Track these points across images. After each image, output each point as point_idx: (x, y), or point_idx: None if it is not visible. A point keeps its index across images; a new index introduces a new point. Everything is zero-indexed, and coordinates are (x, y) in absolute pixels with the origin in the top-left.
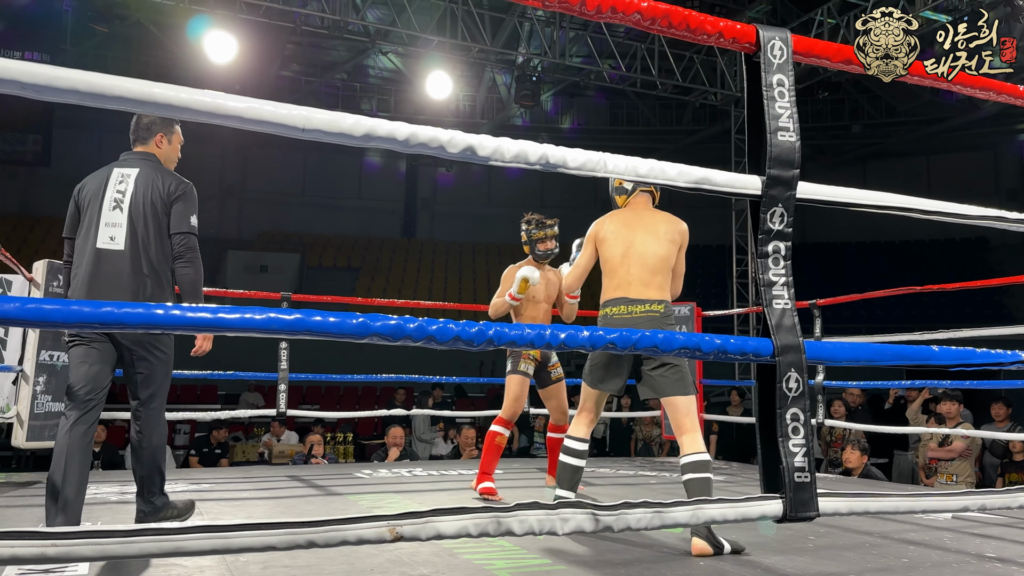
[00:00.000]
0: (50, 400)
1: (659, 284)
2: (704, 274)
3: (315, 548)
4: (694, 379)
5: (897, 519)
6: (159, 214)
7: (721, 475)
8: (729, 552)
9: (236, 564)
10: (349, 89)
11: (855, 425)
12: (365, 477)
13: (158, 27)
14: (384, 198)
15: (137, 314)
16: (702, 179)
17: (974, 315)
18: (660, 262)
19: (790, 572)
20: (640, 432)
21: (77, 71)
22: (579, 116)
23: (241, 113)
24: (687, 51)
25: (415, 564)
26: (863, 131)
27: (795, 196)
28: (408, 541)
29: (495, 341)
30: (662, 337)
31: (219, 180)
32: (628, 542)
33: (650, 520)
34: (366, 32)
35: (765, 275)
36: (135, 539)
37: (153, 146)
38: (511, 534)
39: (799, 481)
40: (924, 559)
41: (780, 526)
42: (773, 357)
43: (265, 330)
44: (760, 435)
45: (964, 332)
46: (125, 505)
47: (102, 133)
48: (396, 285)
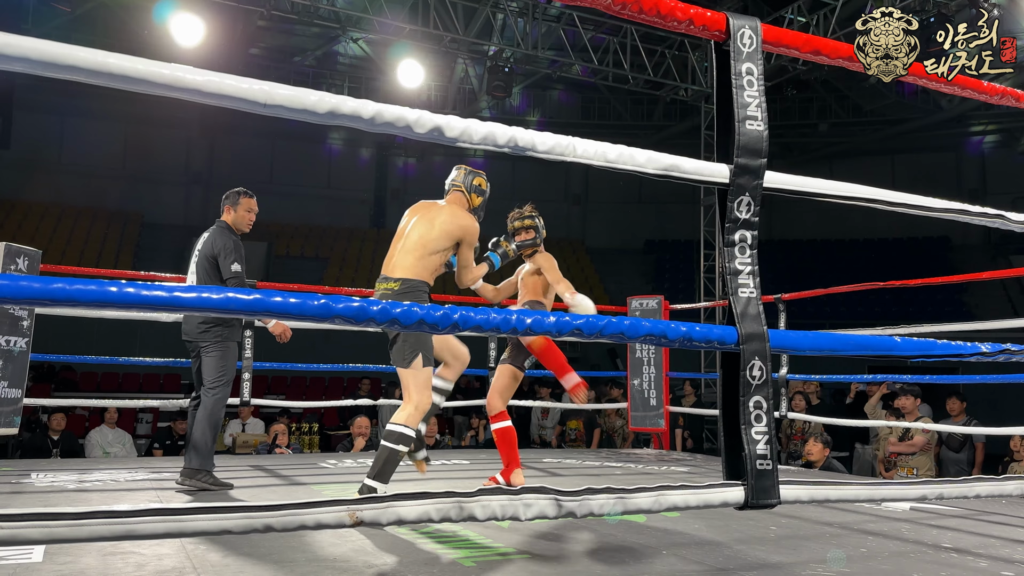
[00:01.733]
0: (7, 386)
1: (408, 264)
2: (672, 269)
3: (272, 532)
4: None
5: (856, 511)
6: (208, 266)
7: (685, 466)
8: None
9: (196, 552)
10: (318, 76)
11: (816, 418)
12: (330, 467)
13: (123, 9)
14: (354, 187)
15: (89, 291)
16: (671, 166)
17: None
18: (416, 244)
19: (751, 560)
20: (604, 423)
21: (28, 39)
22: (550, 109)
23: (200, 86)
24: (659, 46)
25: (378, 553)
26: (830, 130)
27: (762, 185)
28: (368, 526)
29: (460, 325)
30: (628, 324)
31: (185, 167)
32: (593, 531)
33: (613, 506)
34: (336, 18)
35: (731, 264)
36: (85, 522)
37: (225, 214)
38: (473, 519)
39: (761, 468)
40: (882, 549)
41: (742, 515)
42: (737, 345)
43: (223, 309)
44: (723, 423)
45: (925, 327)
46: (83, 493)
47: (63, 116)
48: (365, 276)
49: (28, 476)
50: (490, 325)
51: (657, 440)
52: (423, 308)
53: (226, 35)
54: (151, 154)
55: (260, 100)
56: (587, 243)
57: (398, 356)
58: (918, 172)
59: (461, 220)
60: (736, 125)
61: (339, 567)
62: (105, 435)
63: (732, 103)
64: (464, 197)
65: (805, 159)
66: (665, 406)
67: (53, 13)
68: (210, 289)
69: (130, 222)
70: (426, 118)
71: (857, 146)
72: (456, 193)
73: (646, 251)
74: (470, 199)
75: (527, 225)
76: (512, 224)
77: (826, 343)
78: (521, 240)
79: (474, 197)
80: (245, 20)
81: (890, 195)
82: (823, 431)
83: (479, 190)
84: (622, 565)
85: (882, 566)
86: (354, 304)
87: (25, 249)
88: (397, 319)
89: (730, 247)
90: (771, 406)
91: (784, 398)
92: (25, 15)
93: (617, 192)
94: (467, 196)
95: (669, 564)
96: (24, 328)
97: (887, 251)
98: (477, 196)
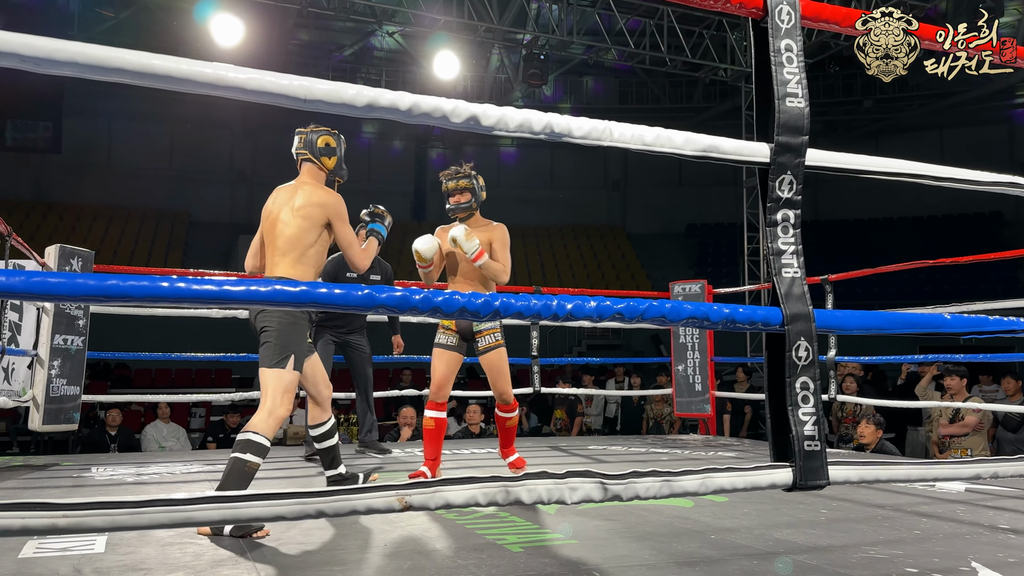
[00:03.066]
0: (65, 384)
1: (287, 268)
2: (715, 252)
3: (324, 518)
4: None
5: (909, 492)
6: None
7: (732, 451)
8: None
9: (250, 541)
10: (354, 71)
11: (866, 400)
12: (378, 457)
13: (165, 11)
14: (393, 180)
15: (142, 287)
16: (709, 147)
17: (989, 290)
18: (288, 244)
19: (801, 544)
20: (651, 410)
21: (76, 43)
22: (585, 96)
23: (243, 84)
24: (696, 27)
25: (429, 539)
26: (875, 105)
27: (804, 163)
28: (417, 510)
29: (501, 312)
30: (670, 307)
31: (229, 166)
32: (641, 516)
33: (659, 489)
34: (372, 12)
35: (774, 244)
36: (145, 510)
37: None
38: (519, 503)
39: (809, 450)
40: (936, 531)
41: (791, 499)
42: (782, 326)
43: (270, 301)
44: (769, 405)
45: (978, 305)
46: (141, 486)
47: (111, 119)
48: (407, 267)
49: (88, 470)
50: (531, 312)
51: (704, 426)
52: (464, 296)
53: (264, 33)
54: (196, 153)
55: (301, 96)
56: (627, 229)
57: (266, 355)
58: (968, 146)
59: (315, 197)
60: (776, 103)
61: (389, 552)
62: (160, 430)
63: (771, 81)
64: (315, 165)
65: (850, 137)
66: (711, 391)
67: (98, 18)
68: (258, 282)
69: (177, 221)
70: (462, 107)
71: (904, 121)
72: (306, 164)
73: (688, 235)
74: (322, 164)
75: (462, 187)
76: (446, 184)
77: (873, 322)
78: (456, 203)
79: (325, 160)
80: (282, 18)
81: (938, 170)
82: (875, 413)
83: (328, 150)
84: (669, 550)
85: (937, 547)
86: (397, 294)
87: (78, 250)
88: (439, 307)
89: (772, 227)
90: (818, 387)
91: (833, 380)
92: (71, 21)
93: (657, 176)
94: (318, 162)
95: (718, 548)
96: (80, 327)
97: (937, 228)
98: (328, 158)
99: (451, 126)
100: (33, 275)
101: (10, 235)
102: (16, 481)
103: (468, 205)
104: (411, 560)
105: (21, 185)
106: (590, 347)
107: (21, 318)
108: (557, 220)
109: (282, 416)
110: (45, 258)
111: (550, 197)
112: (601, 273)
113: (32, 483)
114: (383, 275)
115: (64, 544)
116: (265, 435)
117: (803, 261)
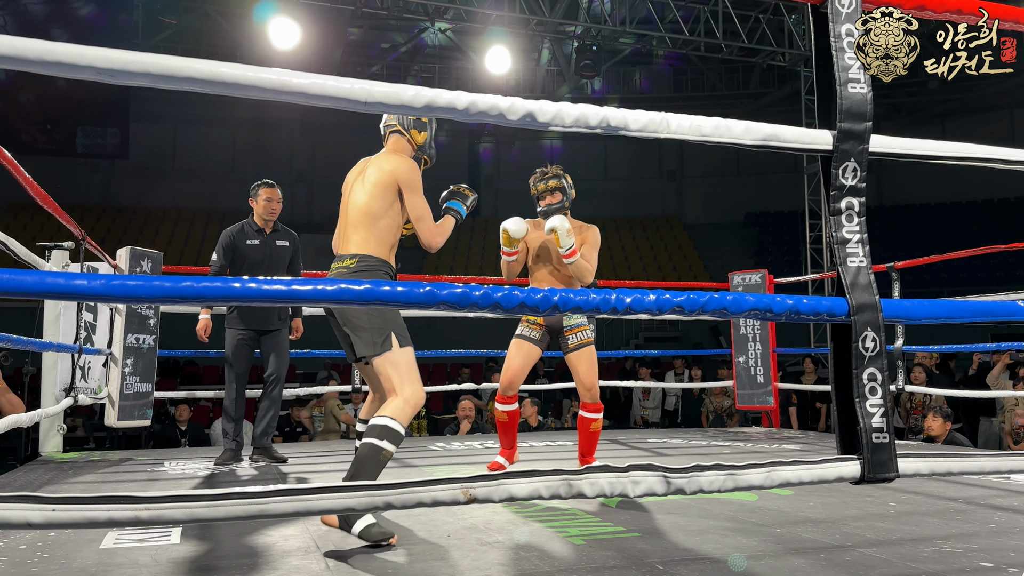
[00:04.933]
0: (138, 381)
1: (360, 240)
2: (775, 242)
3: (392, 509)
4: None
5: (983, 485)
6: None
7: (796, 444)
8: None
9: (319, 533)
10: (407, 70)
11: (936, 390)
12: (438, 449)
13: (224, 16)
14: (447, 176)
15: (215, 287)
16: (769, 136)
17: None
18: (361, 215)
19: (870, 538)
20: (711, 403)
21: (148, 55)
22: (637, 86)
23: (305, 89)
24: (752, 11)
25: (490, 531)
26: (941, 87)
27: (868, 150)
28: (481, 503)
29: (560, 307)
30: (731, 299)
31: (289, 166)
32: (703, 508)
33: (723, 483)
34: (424, 10)
35: (839, 233)
36: (221, 503)
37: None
38: (582, 496)
39: (877, 442)
40: (1013, 524)
41: (859, 492)
42: (848, 316)
43: (336, 300)
44: (836, 397)
45: None
46: (213, 479)
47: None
48: (462, 263)
49: (161, 464)
50: (590, 306)
51: (767, 418)
52: (523, 290)
53: (319, 35)
54: (257, 155)
55: (361, 99)
56: (684, 219)
57: (366, 345)
58: None
59: (387, 164)
60: (838, 89)
61: (453, 544)
62: None
63: (833, 67)
64: (404, 138)
65: (915, 119)
66: (773, 383)
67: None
68: (325, 281)
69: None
70: (518, 104)
71: (971, 102)
72: (394, 136)
73: (746, 224)
74: (412, 138)
75: (552, 187)
76: (535, 187)
77: (942, 310)
78: (548, 204)
79: (415, 134)
80: (337, 18)
81: (1008, 152)
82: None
83: (420, 123)
84: (734, 543)
85: (1013, 542)
86: (457, 290)
87: (148, 252)
88: (499, 303)
89: (836, 216)
90: (886, 378)
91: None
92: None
93: (713, 165)
94: (407, 135)
95: (784, 541)
96: (151, 326)
97: (1008, 212)
98: (419, 132)
99: (508, 123)
100: (113, 279)
101: (84, 239)
102: (95, 475)
103: (560, 205)
104: (475, 551)
105: (92, 191)
106: (647, 339)
107: (96, 318)
108: (611, 212)
109: (417, 398)
110: (116, 260)
111: (604, 189)
112: (658, 264)
113: (110, 477)
114: (291, 241)
115: (142, 535)
116: (402, 422)
117: (868, 250)
